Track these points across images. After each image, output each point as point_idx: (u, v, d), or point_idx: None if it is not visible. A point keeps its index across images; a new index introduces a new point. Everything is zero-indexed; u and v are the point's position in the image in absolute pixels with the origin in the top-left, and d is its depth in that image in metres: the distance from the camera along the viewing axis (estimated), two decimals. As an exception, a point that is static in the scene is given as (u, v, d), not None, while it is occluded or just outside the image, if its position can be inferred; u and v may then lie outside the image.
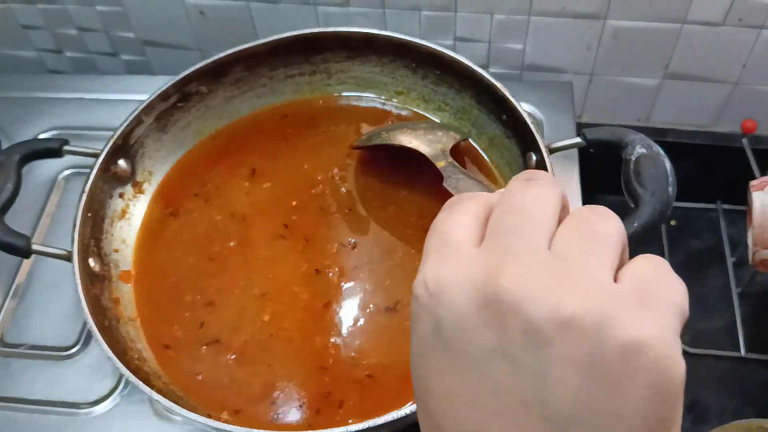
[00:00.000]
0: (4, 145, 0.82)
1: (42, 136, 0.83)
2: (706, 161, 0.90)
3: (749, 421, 0.72)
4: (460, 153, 0.65)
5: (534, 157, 0.59)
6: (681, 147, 0.89)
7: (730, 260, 0.89)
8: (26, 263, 0.74)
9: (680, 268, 0.91)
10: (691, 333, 0.87)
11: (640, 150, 0.52)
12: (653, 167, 0.51)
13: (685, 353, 0.86)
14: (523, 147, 0.61)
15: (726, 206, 0.94)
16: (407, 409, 0.47)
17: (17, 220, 0.58)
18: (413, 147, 0.61)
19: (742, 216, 0.92)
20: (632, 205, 0.51)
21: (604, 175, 0.80)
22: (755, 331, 0.86)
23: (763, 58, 0.78)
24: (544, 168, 0.56)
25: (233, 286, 0.60)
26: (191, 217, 0.65)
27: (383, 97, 0.71)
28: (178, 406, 0.49)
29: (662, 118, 0.88)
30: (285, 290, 0.60)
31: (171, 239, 0.64)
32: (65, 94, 0.87)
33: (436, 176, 0.57)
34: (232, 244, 0.63)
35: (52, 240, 0.75)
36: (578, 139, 0.57)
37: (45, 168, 0.80)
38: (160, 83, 0.65)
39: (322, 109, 0.71)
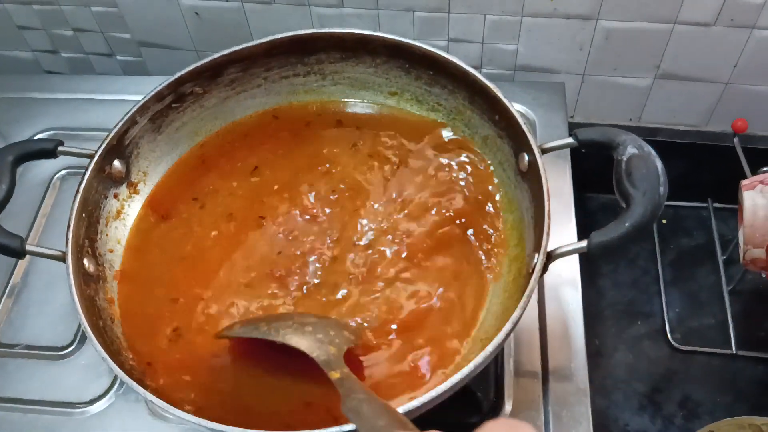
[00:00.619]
0: (0, 146, 0.82)
1: (38, 136, 0.83)
2: (697, 160, 0.91)
3: (741, 418, 0.73)
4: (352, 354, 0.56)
5: (526, 158, 0.59)
6: (672, 146, 0.90)
7: (720, 258, 0.90)
8: (22, 263, 0.74)
9: (671, 267, 0.93)
10: (682, 331, 0.88)
11: (631, 150, 0.53)
12: (644, 167, 0.52)
13: (676, 351, 0.87)
14: (516, 147, 0.62)
15: (717, 205, 0.95)
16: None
17: (12, 220, 0.59)
18: (299, 348, 0.51)
19: (732, 214, 0.93)
20: (623, 205, 0.52)
21: (595, 175, 0.81)
22: (746, 328, 0.86)
23: (754, 58, 0.79)
24: (537, 168, 0.56)
25: (225, 286, 0.61)
26: (184, 218, 0.65)
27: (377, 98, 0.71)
28: (173, 407, 0.49)
29: (654, 117, 0.89)
30: (282, 285, 0.60)
31: (163, 240, 0.64)
32: (61, 95, 0.88)
33: None
34: (224, 243, 0.63)
35: (48, 240, 0.75)
36: (570, 140, 0.57)
37: (40, 168, 0.80)
38: (156, 84, 0.65)
39: (317, 111, 0.71)
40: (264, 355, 0.56)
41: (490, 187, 0.64)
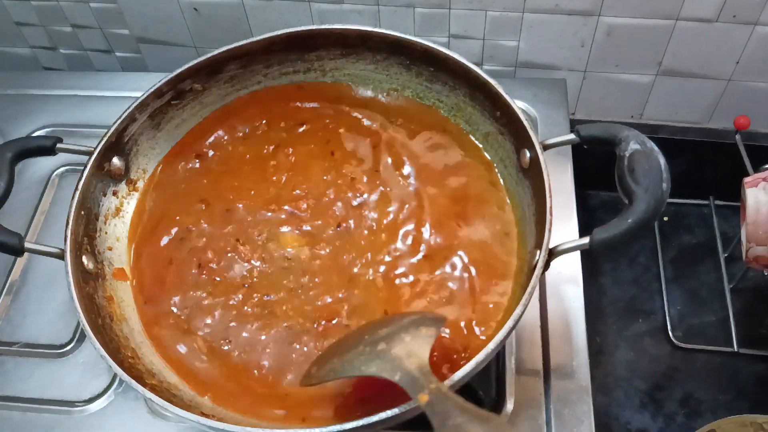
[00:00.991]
0: (-2, 143, 0.82)
1: (36, 133, 0.83)
2: (699, 157, 0.90)
3: (742, 416, 0.72)
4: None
5: (528, 154, 0.59)
6: (674, 143, 0.90)
7: (722, 256, 0.90)
8: (20, 261, 0.74)
9: (673, 264, 0.92)
10: (683, 328, 0.87)
11: (634, 146, 0.52)
12: (647, 163, 0.51)
13: (678, 348, 0.87)
14: (517, 144, 0.61)
15: (718, 202, 0.94)
16: (397, 409, 0.47)
17: (11, 218, 0.58)
18: (382, 377, 0.45)
19: (734, 212, 0.93)
20: (626, 202, 0.51)
21: (596, 172, 0.80)
22: (747, 326, 0.86)
23: (756, 54, 0.78)
24: (538, 164, 0.56)
25: (231, 282, 0.61)
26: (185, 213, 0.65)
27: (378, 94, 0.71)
28: (172, 405, 0.49)
29: (655, 114, 0.89)
30: (286, 279, 0.60)
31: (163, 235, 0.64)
32: (59, 91, 0.87)
33: None
34: (227, 240, 0.63)
35: (47, 238, 0.75)
36: (572, 136, 0.57)
37: (39, 165, 0.79)
38: (155, 80, 0.65)
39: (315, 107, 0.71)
40: None
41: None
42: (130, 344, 0.57)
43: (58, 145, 0.61)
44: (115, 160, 0.63)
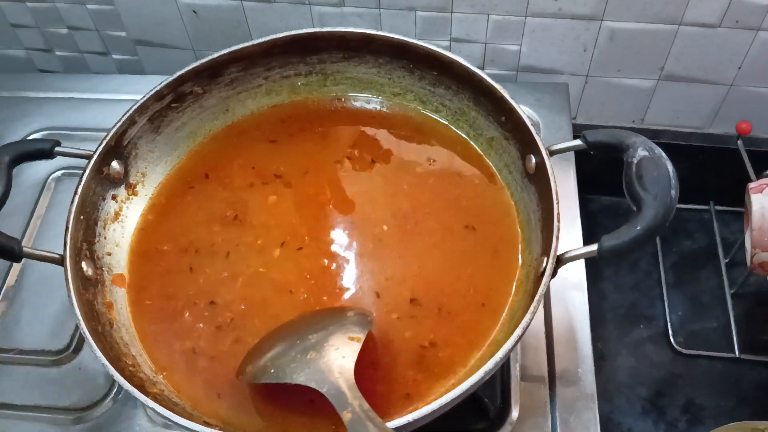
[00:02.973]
0: (-7, 146, 0.80)
1: (32, 136, 0.82)
2: (701, 163, 0.90)
3: (744, 422, 0.72)
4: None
5: (533, 159, 0.58)
6: (675, 148, 0.90)
7: (723, 261, 0.89)
8: (15, 266, 0.73)
9: (674, 270, 0.92)
10: (685, 334, 0.87)
11: (641, 152, 0.52)
12: (655, 170, 0.51)
13: (679, 354, 0.86)
14: (522, 149, 0.61)
15: (718, 207, 0.94)
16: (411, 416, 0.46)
17: (5, 222, 0.57)
18: (310, 386, 0.47)
19: (734, 217, 0.93)
20: (634, 209, 0.51)
21: (596, 176, 0.80)
22: (749, 331, 0.86)
23: (759, 60, 0.78)
24: (545, 170, 0.55)
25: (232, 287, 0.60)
26: (185, 218, 0.64)
27: (380, 98, 0.70)
28: (174, 414, 0.48)
29: (657, 119, 0.88)
30: (284, 291, 0.59)
31: (162, 240, 0.63)
32: (55, 94, 0.86)
33: None
34: (227, 246, 0.62)
35: (43, 243, 0.73)
36: (579, 142, 0.56)
37: (35, 169, 0.78)
38: (152, 83, 0.64)
39: (318, 111, 0.70)
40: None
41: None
42: (130, 352, 0.56)
43: (57, 149, 0.60)
44: (115, 164, 0.62)
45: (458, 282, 0.59)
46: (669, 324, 0.87)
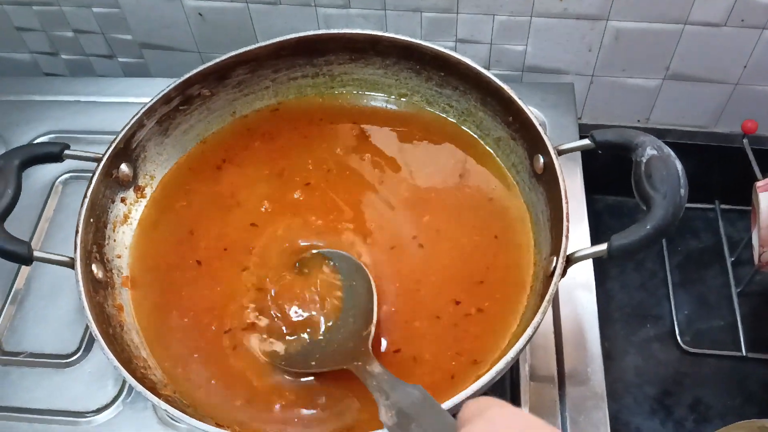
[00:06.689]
0: (0, 150, 0.80)
1: (39, 140, 0.82)
2: (706, 162, 0.90)
3: (751, 421, 0.72)
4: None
5: (542, 159, 0.58)
6: (681, 147, 0.89)
7: (729, 260, 0.89)
8: (24, 269, 0.73)
9: (679, 269, 0.91)
10: (691, 333, 0.87)
11: (650, 152, 0.52)
12: (664, 169, 0.51)
13: (686, 353, 0.86)
14: (530, 149, 0.61)
15: (724, 206, 0.94)
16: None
17: (14, 225, 0.57)
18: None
19: (740, 216, 0.93)
20: (644, 208, 0.51)
21: (602, 175, 0.80)
22: (755, 330, 0.86)
23: (764, 58, 0.78)
24: (553, 170, 0.55)
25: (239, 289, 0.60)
26: (192, 220, 0.64)
27: (387, 98, 0.70)
28: (187, 416, 0.48)
29: (662, 118, 0.88)
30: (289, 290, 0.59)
31: (170, 242, 0.63)
32: (61, 97, 0.86)
33: None
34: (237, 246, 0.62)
35: (51, 246, 0.74)
36: (587, 141, 0.56)
37: (42, 172, 0.78)
38: (158, 86, 0.64)
39: (325, 111, 0.70)
40: None
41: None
42: (141, 353, 0.56)
43: (66, 152, 0.60)
44: (124, 167, 0.63)
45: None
46: (675, 323, 0.87)
